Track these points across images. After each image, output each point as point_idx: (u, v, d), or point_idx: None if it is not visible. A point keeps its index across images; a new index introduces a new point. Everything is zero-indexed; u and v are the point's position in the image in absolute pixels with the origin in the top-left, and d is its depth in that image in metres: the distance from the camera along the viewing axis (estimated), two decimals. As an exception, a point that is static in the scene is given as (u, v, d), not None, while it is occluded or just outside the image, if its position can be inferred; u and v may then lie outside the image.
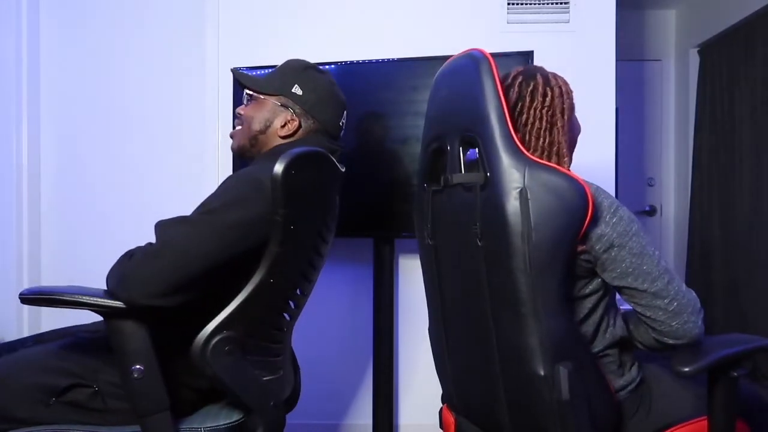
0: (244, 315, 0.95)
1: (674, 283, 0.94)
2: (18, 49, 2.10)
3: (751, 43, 2.82)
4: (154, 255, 0.91)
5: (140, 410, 0.92)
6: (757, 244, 2.77)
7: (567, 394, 0.87)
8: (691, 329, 0.94)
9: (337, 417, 2.11)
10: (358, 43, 2.07)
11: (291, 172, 0.93)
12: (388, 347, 1.88)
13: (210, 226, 0.94)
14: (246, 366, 0.98)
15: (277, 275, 0.97)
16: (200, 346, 0.91)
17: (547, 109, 1.00)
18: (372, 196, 1.81)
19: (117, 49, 2.17)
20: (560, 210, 0.88)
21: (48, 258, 2.19)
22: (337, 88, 1.24)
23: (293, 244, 0.99)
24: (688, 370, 0.86)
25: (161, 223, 0.96)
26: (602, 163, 2.02)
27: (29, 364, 1.03)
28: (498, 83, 0.93)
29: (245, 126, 1.19)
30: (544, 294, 0.89)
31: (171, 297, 0.90)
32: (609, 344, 1.00)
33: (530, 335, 0.89)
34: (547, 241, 0.87)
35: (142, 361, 0.91)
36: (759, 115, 2.77)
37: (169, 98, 2.16)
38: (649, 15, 3.62)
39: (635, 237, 0.93)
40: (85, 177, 2.18)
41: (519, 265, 0.88)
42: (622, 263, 0.93)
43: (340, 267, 2.11)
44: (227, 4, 2.11)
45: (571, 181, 0.88)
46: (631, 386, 1.01)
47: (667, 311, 0.93)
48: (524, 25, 2.05)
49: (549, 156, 1.00)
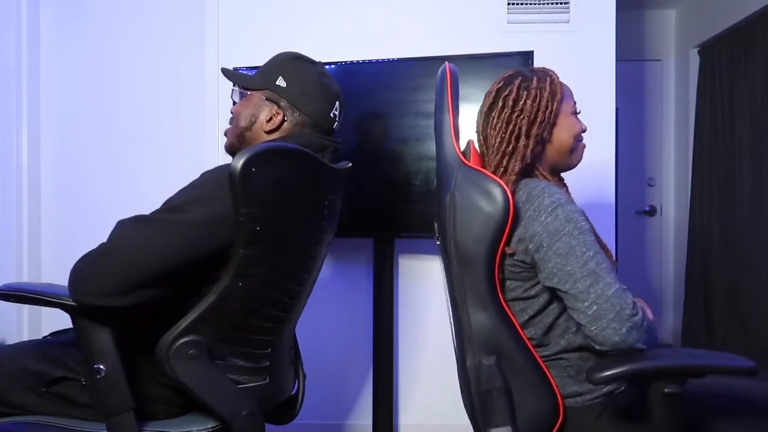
0: (213, 319, 0.91)
1: (597, 286, 0.90)
2: (18, 49, 2.10)
3: (751, 43, 2.83)
4: (103, 255, 0.88)
5: (103, 409, 0.91)
6: (757, 245, 2.77)
7: (485, 384, 0.96)
8: (610, 336, 0.88)
9: (337, 417, 2.11)
10: (358, 43, 2.07)
11: (251, 170, 0.86)
12: (388, 347, 1.88)
13: (168, 225, 0.90)
14: (215, 371, 0.94)
15: (248, 278, 0.92)
16: (164, 349, 0.88)
17: (517, 114, 1.03)
18: (372, 196, 1.81)
19: (117, 49, 2.17)
20: (481, 211, 0.95)
21: (48, 258, 2.19)
22: (328, 78, 1.18)
23: (265, 246, 0.92)
24: (597, 377, 0.84)
25: (119, 222, 0.93)
26: (602, 163, 2.02)
27: (26, 350, 1.05)
28: (450, 96, 1.01)
29: (234, 123, 1.17)
30: (470, 289, 0.98)
31: (121, 297, 0.87)
32: (564, 349, 0.99)
33: (463, 327, 1.00)
34: (470, 239, 0.96)
35: (105, 360, 0.89)
36: (759, 115, 2.77)
37: (169, 98, 2.16)
38: (649, 15, 3.62)
39: (566, 237, 0.92)
40: (85, 177, 2.18)
41: (453, 261, 0.99)
42: (549, 263, 0.93)
43: (340, 267, 2.11)
44: (227, 4, 2.11)
45: (494, 185, 0.95)
46: (591, 396, 0.98)
47: (587, 315, 0.90)
48: (524, 25, 2.05)
49: (512, 161, 1.02)
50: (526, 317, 1.00)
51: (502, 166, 1.02)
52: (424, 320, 2.08)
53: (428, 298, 2.07)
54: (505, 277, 1.00)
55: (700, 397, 1.00)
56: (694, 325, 3.22)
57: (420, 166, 1.76)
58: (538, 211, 0.94)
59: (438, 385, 2.06)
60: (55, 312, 2.13)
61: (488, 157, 1.06)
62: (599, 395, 0.99)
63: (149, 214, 0.93)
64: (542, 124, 1.03)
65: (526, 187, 0.99)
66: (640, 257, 3.66)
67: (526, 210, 0.96)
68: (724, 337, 3.00)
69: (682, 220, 3.48)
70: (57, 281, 2.21)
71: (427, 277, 2.07)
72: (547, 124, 1.04)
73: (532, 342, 0.99)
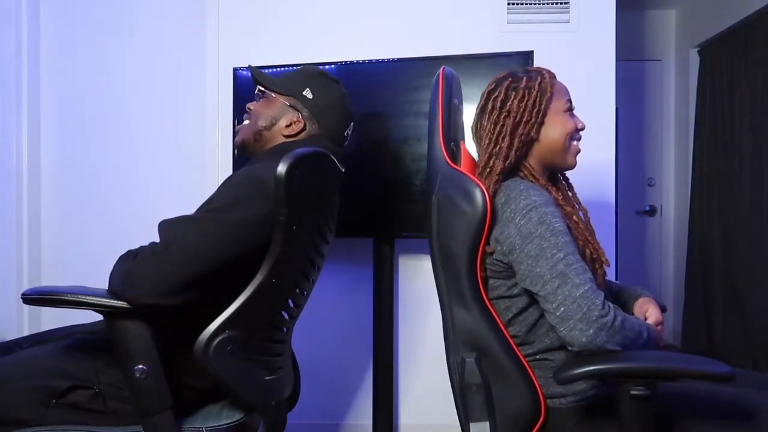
0: (247, 314, 0.95)
1: (565, 287, 0.90)
2: (18, 49, 2.10)
3: (751, 43, 2.83)
4: (159, 254, 0.91)
5: (143, 410, 0.92)
6: (757, 244, 2.77)
7: (466, 380, 0.98)
8: (577, 337, 0.88)
9: (337, 417, 2.11)
10: (358, 43, 2.07)
11: (294, 172, 0.92)
12: (388, 347, 1.88)
13: (214, 225, 0.94)
14: (248, 365, 0.98)
15: (279, 275, 0.97)
16: (203, 346, 0.90)
17: (504, 115, 1.04)
18: (372, 196, 1.81)
19: (117, 49, 2.17)
20: (461, 212, 0.97)
21: (48, 258, 2.19)
22: (348, 100, 1.26)
23: (295, 244, 0.99)
24: (562, 375, 0.85)
25: (165, 222, 0.96)
26: (602, 163, 2.02)
27: (29, 366, 1.03)
28: (441, 99, 1.04)
29: (252, 121, 1.21)
30: (453, 288, 1.00)
31: (176, 296, 0.90)
32: (548, 347, 0.99)
33: (448, 325, 1.03)
34: (451, 239, 0.99)
35: (145, 360, 0.91)
36: (759, 115, 2.77)
37: (169, 98, 2.16)
38: (649, 15, 3.62)
39: (537, 239, 0.92)
40: (85, 176, 2.18)
41: (437, 261, 1.03)
42: (521, 265, 0.94)
43: (340, 267, 2.11)
44: (227, 4, 2.11)
45: (473, 186, 0.97)
46: (574, 398, 0.98)
47: (556, 316, 0.90)
48: (524, 25, 2.05)
49: (497, 161, 1.02)
50: (510, 315, 1.01)
51: (489, 167, 1.03)
52: (424, 320, 2.08)
53: (428, 298, 2.07)
54: (488, 276, 1.01)
55: (676, 400, 0.98)
56: (694, 325, 3.22)
57: (420, 166, 1.76)
58: (513, 213, 0.95)
59: (438, 385, 2.06)
60: (55, 312, 2.13)
61: (479, 158, 1.07)
62: (583, 398, 0.98)
63: (195, 213, 0.97)
64: (528, 123, 1.04)
65: (507, 188, 0.99)
66: (640, 257, 3.66)
67: (503, 212, 0.97)
68: (724, 337, 3.00)
69: (682, 220, 3.48)
70: (57, 282, 2.23)
71: (427, 277, 2.06)
72: (534, 124, 1.04)
73: (515, 340, 1.00)
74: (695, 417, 0.95)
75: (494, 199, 0.98)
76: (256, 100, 1.24)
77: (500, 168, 1.01)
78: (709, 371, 0.83)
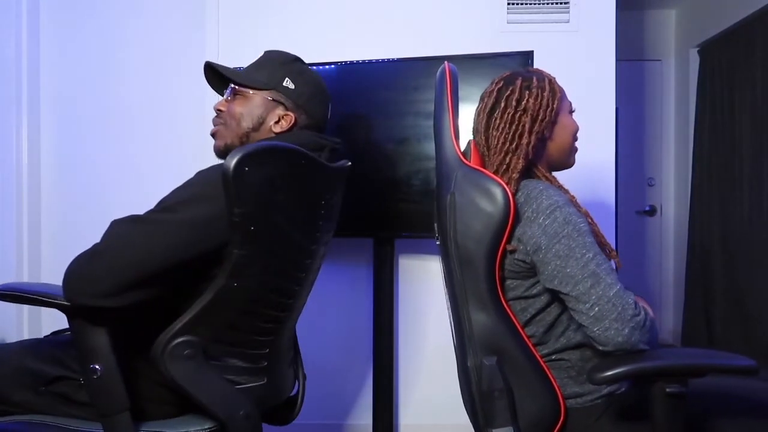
0: (208, 319, 0.91)
1: (599, 287, 0.90)
2: (18, 49, 2.10)
3: (751, 43, 2.83)
4: (97, 254, 0.88)
5: (99, 409, 0.90)
6: (757, 244, 2.77)
7: (487, 385, 0.96)
8: (613, 336, 0.88)
9: (337, 417, 2.11)
10: (358, 43, 2.06)
11: (244, 169, 0.85)
12: (388, 347, 1.88)
13: (162, 225, 0.89)
14: (211, 372, 0.94)
15: (244, 278, 0.91)
16: (159, 349, 0.88)
17: (520, 113, 1.03)
18: (372, 196, 1.81)
19: (117, 49, 2.17)
20: (481, 211, 0.95)
21: (48, 257, 2.19)
22: (323, 81, 1.19)
23: (260, 246, 0.92)
24: (598, 377, 0.84)
25: (113, 222, 0.92)
26: (602, 163, 2.02)
27: (25, 349, 1.05)
28: (450, 96, 1.01)
29: (233, 123, 1.12)
30: (471, 290, 0.98)
31: (116, 297, 0.86)
32: (564, 347, 0.99)
33: (464, 328, 1.00)
34: (470, 239, 0.96)
35: (101, 360, 0.89)
36: (759, 115, 2.77)
37: (169, 97, 2.16)
38: (649, 15, 3.62)
39: (565, 239, 0.92)
40: (85, 175, 2.18)
41: (453, 262, 0.99)
42: (549, 265, 0.93)
43: (340, 267, 2.11)
44: (227, 4, 2.11)
45: (495, 184, 0.95)
46: (591, 397, 0.99)
47: (589, 316, 0.90)
48: (524, 25, 2.05)
49: (514, 158, 1.01)
50: (527, 316, 1.00)
51: (505, 164, 1.02)
52: (424, 320, 2.08)
53: (428, 298, 2.07)
54: (506, 277, 1.00)
55: (700, 396, 1.00)
56: (694, 325, 3.22)
57: (420, 166, 1.76)
58: (536, 212, 0.95)
59: (438, 385, 2.06)
60: (55, 312, 2.13)
61: (490, 158, 1.06)
62: (600, 396, 0.99)
63: (143, 214, 0.92)
64: (543, 122, 1.04)
65: (525, 188, 0.99)
66: (640, 257, 3.66)
67: (524, 211, 0.96)
68: (724, 337, 3.00)
69: (682, 220, 3.48)
70: (57, 281, 2.22)
71: (427, 277, 2.07)
72: (548, 122, 1.05)
73: (532, 340, 1.00)
74: (720, 414, 0.97)
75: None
76: (226, 99, 1.14)
77: (521, 165, 1.01)
78: (737, 365, 0.86)
